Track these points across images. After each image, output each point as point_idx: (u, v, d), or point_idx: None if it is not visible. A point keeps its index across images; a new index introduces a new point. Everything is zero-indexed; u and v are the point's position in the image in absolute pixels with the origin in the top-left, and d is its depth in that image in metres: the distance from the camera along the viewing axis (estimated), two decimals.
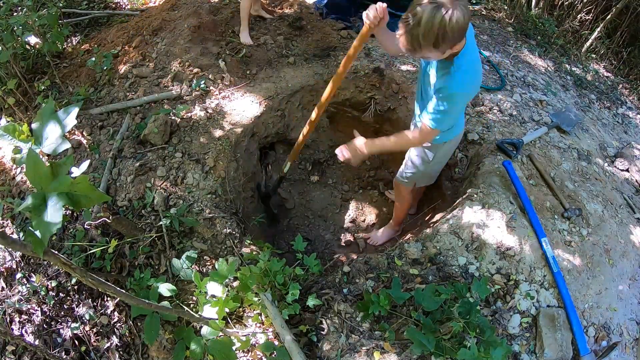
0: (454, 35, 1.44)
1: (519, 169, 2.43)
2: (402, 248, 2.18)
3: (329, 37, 3.27)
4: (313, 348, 1.82)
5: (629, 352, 2.02)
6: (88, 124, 2.67)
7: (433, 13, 1.39)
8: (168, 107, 2.73)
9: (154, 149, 2.52)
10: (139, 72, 2.96)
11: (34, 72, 3.19)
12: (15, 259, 2.38)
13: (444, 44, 1.47)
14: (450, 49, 1.52)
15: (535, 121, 2.87)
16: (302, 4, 3.56)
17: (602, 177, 2.61)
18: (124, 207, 2.33)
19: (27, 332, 2.21)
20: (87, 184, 0.94)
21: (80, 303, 2.18)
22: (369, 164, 3.55)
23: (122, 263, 2.19)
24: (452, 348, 1.65)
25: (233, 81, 2.94)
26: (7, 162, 2.65)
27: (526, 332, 1.91)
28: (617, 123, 3.33)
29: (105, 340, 2.09)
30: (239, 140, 2.72)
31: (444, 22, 1.39)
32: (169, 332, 1.96)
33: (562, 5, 4.49)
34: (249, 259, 2.11)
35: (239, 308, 1.96)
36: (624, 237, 2.32)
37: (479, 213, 2.19)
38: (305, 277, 2.08)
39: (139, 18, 3.49)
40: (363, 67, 3.11)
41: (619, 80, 3.98)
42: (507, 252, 2.06)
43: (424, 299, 1.78)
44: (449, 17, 1.38)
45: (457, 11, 1.39)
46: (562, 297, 1.97)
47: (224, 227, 2.25)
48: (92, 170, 2.47)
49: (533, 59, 3.67)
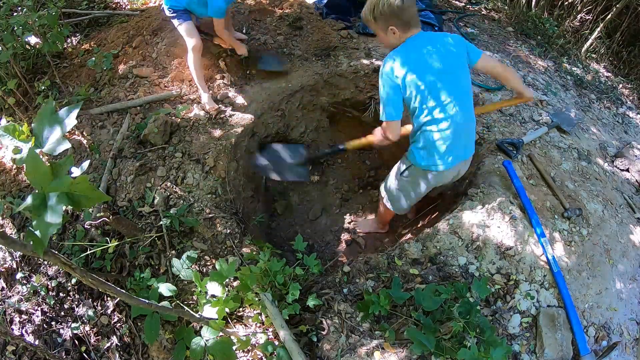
0: (386, 14, 1.82)
1: (519, 169, 2.43)
2: (402, 248, 2.18)
3: (329, 37, 3.27)
4: (313, 348, 1.82)
5: (629, 352, 2.02)
6: (88, 124, 2.67)
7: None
8: (168, 107, 2.73)
9: (154, 149, 2.52)
10: (139, 72, 2.96)
11: (34, 72, 3.19)
12: (15, 259, 2.38)
13: (379, 20, 1.86)
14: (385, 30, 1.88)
15: (536, 121, 2.87)
16: (302, 4, 3.56)
17: (602, 177, 2.61)
18: (124, 207, 2.33)
19: (27, 332, 2.21)
20: (87, 184, 0.94)
21: (80, 303, 2.18)
22: (369, 164, 3.56)
23: (122, 263, 2.19)
24: (452, 348, 1.65)
25: (233, 81, 2.94)
26: (7, 162, 2.65)
27: (526, 332, 1.91)
28: (617, 123, 3.33)
29: (105, 340, 2.09)
30: (239, 140, 2.72)
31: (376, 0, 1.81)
32: (169, 332, 1.96)
33: (562, 5, 4.49)
34: (249, 259, 2.11)
35: (239, 308, 1.96)
36: (624, 237, 2.32)
37: (479, 213, 2.19)
38: (306, 277, 2.08)
39: (139, 18, 3.48)
40: (363, 67, 3.11)
41: (619, 80, 3.98)
42: (507, 252, 2.06)
43: (424, 299, 1.78)
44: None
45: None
46: (562, 297, 1.97)
47: (224, 227, 2.25)
48: (92, 170, 2.47)
49: (533, 59, 3.67)
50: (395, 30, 1.87)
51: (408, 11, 1.83)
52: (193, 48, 2.60)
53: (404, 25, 1.86)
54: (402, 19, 1.84)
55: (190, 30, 2.58)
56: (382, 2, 1.81)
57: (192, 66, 2.68)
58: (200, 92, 2.79)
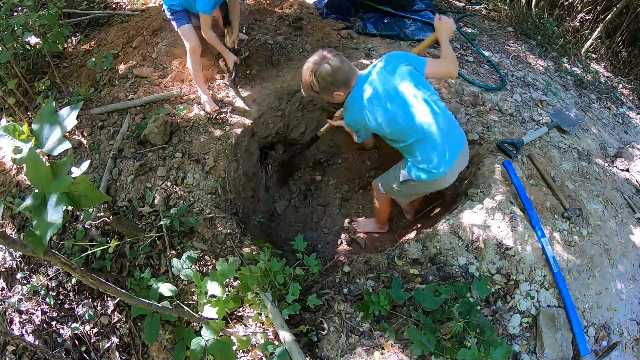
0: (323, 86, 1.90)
1: (519, 169, 2.43)
2: (402, 248, 2.18)
3: (329, 37, 3.27)
4: (313, 348, 1.82)
5: (629, 352, 2.02)
6: (88, 124, 2.67)
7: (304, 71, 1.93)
8: (168, 107, 2.73)
9: (154, 149, 2.52)
10: (139, 72, 2.96)
11: (34, 72, 3.19)
12: (15, 259, 2.38)
13: (322, 93, 1.95)
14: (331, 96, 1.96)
15: (536, 121, 2.87)
16: (302, 4, 3.56)
17: (602, 177, 2.61)
18: (124, 207, 2.33)
19: (27, 332, 2.21)
20: (87, 184, 0.94)
21: (80, 303, 2.18)
22: (369, 164, 3.55)
23: (122, 263, 2.19)
24: (452, 348, 1.65)
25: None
26: (7, 162, 2.65)
27: (526, 332, 1.91)
28: (617, 123, 3.33)
29: (105, 340, 2.09)
30: (239, 140, 2.72)
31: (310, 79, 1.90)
32: (169, 332, 1.96)
33: (562, 5, 4.49)
34: (249, 259, 2.11)
35: (239, 308, 1.96)
36: (624, 237, 2.32)
37: (479, 213, 2.19)
38: (306, 277, 2.08)
39: (139, 18, 3.48)
40: (363, 67, 3.11)
41: (619, 80, 3.98)
42: (507, 252, 2.06)
43: (424, 299, 1.78)
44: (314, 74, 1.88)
45: (321, 67, 1.86)
46: (562, 297, 1.97)
47: (224, 227, 2.25)
48: (92, 170, 2.47)
49: (533, 59, 3.67)
50: (339, 93, 1.94)
51: (341, 71, 1.87)
52: (192, 50, 2.59)
53: (344, 85, 1.93)
54: (339, 81, 1.90)
55: (188, 32, 2.57)
56: (314, 79, 1.88)
57: (192, 68, 2.67)
58: (199, 94, 2.78)
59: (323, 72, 1.86)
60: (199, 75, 2.73)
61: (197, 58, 2.65)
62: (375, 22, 3.49)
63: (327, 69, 1.85)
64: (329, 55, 1.87)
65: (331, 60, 1.86)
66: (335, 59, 1.87)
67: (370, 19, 3.49)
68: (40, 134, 1.04)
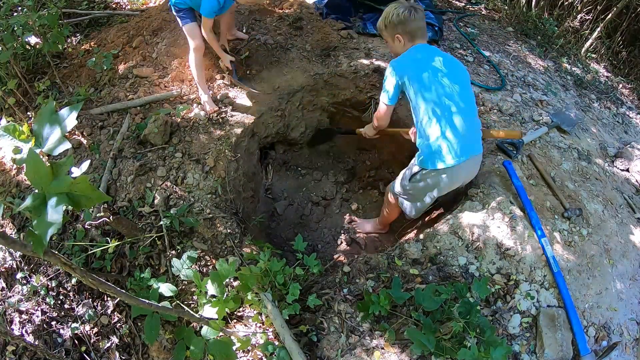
0: (394, 23, 2.06)
1: (519, 169, 2.43)
2: (402, 248, 2.18)
3: (329, 37, 3.27)
4: (313, 348, 1.82)
5: (629, 352, 2.02)
6: (88, 124, 2.67)
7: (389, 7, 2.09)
8: (168, 107, 2.73)
9: (154, 149, 2.52)
10: (139, 72, 2.96)
11: (34, 72, 3.19)
12: (15, 259, 2.38)
13: (388, 28, 2.09)
14: (392, 38, 2.11)
15: (536, 121, 2.87)
16: (302, 4, 3.56)
17: (602, 177, 2.61)
18: (124, 207, 2.33)
19: (27, 332, 2.21)
20: (87, 184, 0.94)
21: (80, 303, 2.18)
22: (369, 164, 3.55)
23: (122, 263, 2.19)
24: (452, 348, 1.65)
25: (233, 81, 2.93)
26: (7, 162, 2.65)
27: (526, 332, 1.91)
28: (617, 123, 3.33)
29: (105, 340, 2.09)
30: (239, 140, 2.72)
31: (389, 12, 2.07)
32: (169, 332, 1.96)
33: (562, 5, 4.49)
34: (249, 259, 2.11)
35: (239, 308, 1.96)
36: (624, 237, 2.32)
37: (479, 213, 2.19)
38: (306, 277, 2.08)
39: (139, 18, 3.48)
40: (363, 67, 3.11)
41: (619, 80, 3.98)
42: (507, 252, 2.06)
43: (424, 299, 1.78)
44: (394, 9, 2.05)
45: (401, 9, 2.04)
46: (562, 297, 1.97)
47: (224, 227, 2.25)
48: (92, 170, 2.47)
49: (533, 59, 3.66)
50: (400, 38, 2.08)
51: (414, 23, 2.05)
52: (195, 49, 2.60)
53: (409, 35, 2.07)
54: (407, 29, 2.06)
55: (193, 30, 2.58)
56: (393, 12, 2.06)
57: (194, 67, 2.68)
58: (200, 93, 2.78)
59: (405, 12, 2.03)
60: (201, 74, 2.73)
61: (200, 56, 2.66)
62: (375, 22, 3.48)
63: (408, 12, 2.03)
64: (418, 7, 2.07)
65: (416, 11, 2.05)
66: (419, 13, 2.06)
67: (370, 19, 3.49)
68: (40, 134, 1.04)
